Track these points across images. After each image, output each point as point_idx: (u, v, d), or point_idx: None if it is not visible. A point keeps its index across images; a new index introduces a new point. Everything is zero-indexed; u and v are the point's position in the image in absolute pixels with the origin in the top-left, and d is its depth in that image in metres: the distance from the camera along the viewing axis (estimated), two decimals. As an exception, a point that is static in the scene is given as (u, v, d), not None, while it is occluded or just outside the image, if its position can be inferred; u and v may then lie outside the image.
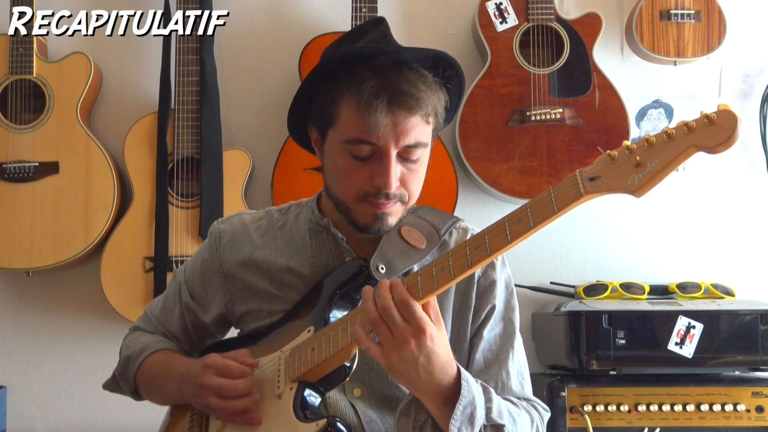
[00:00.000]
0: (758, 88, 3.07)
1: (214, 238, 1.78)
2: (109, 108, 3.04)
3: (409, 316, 1.36)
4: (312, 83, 1.60)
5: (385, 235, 1.61)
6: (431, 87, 1.54)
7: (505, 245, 1.34)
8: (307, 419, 1.49)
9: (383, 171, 1.52)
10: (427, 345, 1.36)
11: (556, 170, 2.83)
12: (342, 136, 1.54)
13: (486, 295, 1.66)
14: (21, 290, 3.00)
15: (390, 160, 1.51)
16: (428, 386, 1.40)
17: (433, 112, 1.55)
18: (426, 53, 1.56)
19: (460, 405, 1.41)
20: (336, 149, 1.56)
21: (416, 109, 1.50)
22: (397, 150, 1.52)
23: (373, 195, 1.54)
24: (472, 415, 1.43)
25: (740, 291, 2.85)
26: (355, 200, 1.56)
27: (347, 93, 1.53)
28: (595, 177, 1.27)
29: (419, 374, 1.38)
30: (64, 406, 2.99)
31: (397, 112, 1.49)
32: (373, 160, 1.53)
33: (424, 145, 1.55)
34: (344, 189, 1.57)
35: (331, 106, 1.55)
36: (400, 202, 1.57)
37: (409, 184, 1.56)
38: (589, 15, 2.93)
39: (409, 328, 1.36)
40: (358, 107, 1.50)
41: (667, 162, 1.19)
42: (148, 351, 1.76)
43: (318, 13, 3.07)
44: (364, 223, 1.57)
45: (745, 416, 2.49)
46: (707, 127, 1.18)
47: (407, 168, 1.55)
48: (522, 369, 1.67)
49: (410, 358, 1.36)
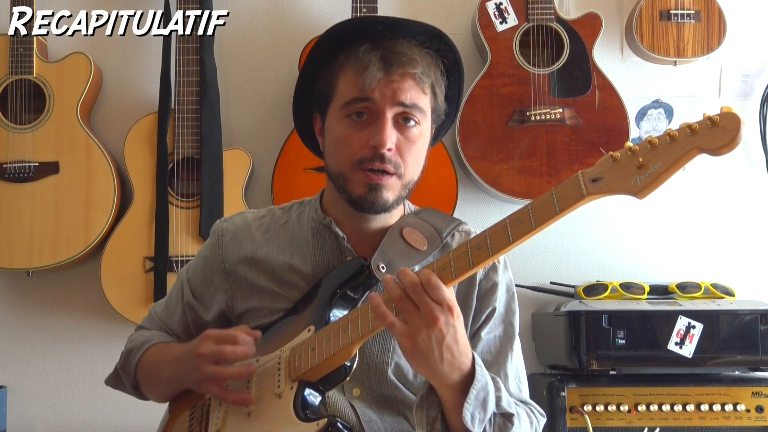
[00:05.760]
0: (758, 88, 3.08)
1: (216, 236, 1.78)
2: (109, 108, 3.04)
3: (437, 294, 1.35)
4: (311, 69, 1.63)
5: (385, 234, 1.62)
6: (425, 57, 1.58)
7: (506, 246, 1.35)
8: (307, 419, 1.49)
9: (378, 130, 1.53)
10: (454, 324, 1.36)
11: (555, 170, 2.83)
12: (340, 102, 1.57)
13: (487, 298, 1.66)
14: (21, 290, 3.00)
15: (386, 118, 1.53)
16: (449, 370, 1.39)
17: (428, 83, 1.57)
18: (423, 27, 1.61)
19: (474, 389, 1.41)
20: (336, 120, 1.59)
21: (410, 67, 1.53)
22: (393, 110, 1.54)
23: (369, 159, 1.54)
24: (485, 401, 1.43)
25: (740, 291, 2.85)
26: (351, 167, 1.56)
27: (345, 61, 1.57)
28: (597, 178, 1.27)
29: (443, 355, 1.36)
30: (64, 406, 2.99)
31: (391, 68, 1.53)
32: (370, 124, 1.55)
33: (421, 110, 1.56)
34: (342, 158, 1.58)
35: (330, 81, 1.60)
36: (396, 175, 1.56)
37: (405, 154, 1.57)
38: (589, 15, 2.93)
39: (437, 306, 1.35)
40: (354, 68, 1.55)
41: (670, 164, 1.19)
42: (149, 344, 1.77)
43: (318, 13, 3.07)
44: (359, 194, 1.57)
45: (745, 416, 2.49)
46: (710, 129, 1.18)
47: (404, 136, 1.56)
48: (520, 372, 1.67)
49: (437, 336, 1.35)
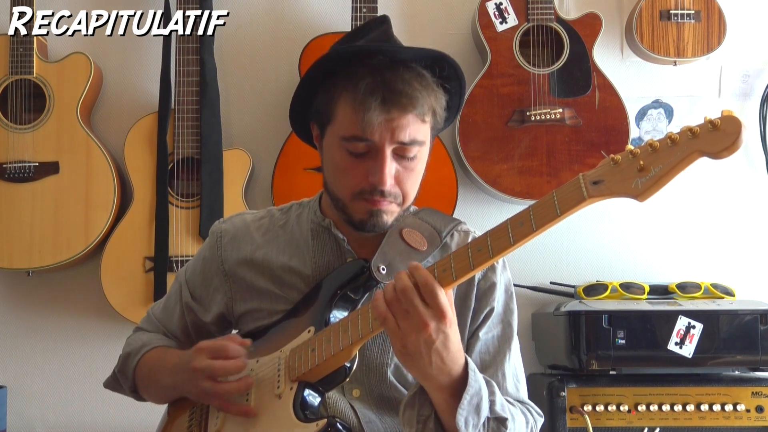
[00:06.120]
0: (758, 88, 3.08)
1: (215, 237, 1.78)
2: (109, 108, 3.04)
3: (431, 299, 1.35)
4: (312, 80, 1.61)
5: (385, 235, 1.61)
6: (428, 86, 1.54)
7: (507, 248, 1.35)
8: (307, 419, 1.49)
9: (378, 168, 1.53)
10: (445, 330, 1.36)
11: (555, 170, 2.83)
12: (339, 133, 1.55)
13: (485, 298, 1.66)
14: (21, 290, 3.00)
15: (384, 156, 1.52)
16: (438, 374, 1.39)
17: (429, 112, 1.55)
18: (424, 53, 1.57)
19: (467, 394, 1.41)
20: (333, 146, 1.57)
21: (410, 108, 1.51)
22: (392, 147, 1.53)
23: (369, 192, 1.54)
24: (478, 406, 1.43)
25: (740, 291, 2.86)
26: (350, 197, 1.57)
27: (344, 91, 1.54)
28: (598, 181, 1.27)
29: (432, 360, 1.37)
30: (64, 406, 2.99)
31: (391, 110, 1.50)
32: (369, 157, 1.54)
33: (420, 143, 1.55)
34: (340, 186, 1.58)
35: (329, 104, 1.57)
36: (395, 203, 1.57)
37: (405, 183, 1.57)
38: (589, 15, 2.93)
39: (429, 311, 1.35)
40: (354, 105, 1.51)
41: (671, 167, 1.19)
42: (146, 348, 1.76)
43: (318, 13, 3.07)
44: (360, 219, 1.58)
45: (745, 416, 2.49)
46: (711, 132, 1.18)
47: (403, 166, 1.56)
48: (518, 372, 1.67)
49: (427, 341, 1.35)
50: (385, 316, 1.38)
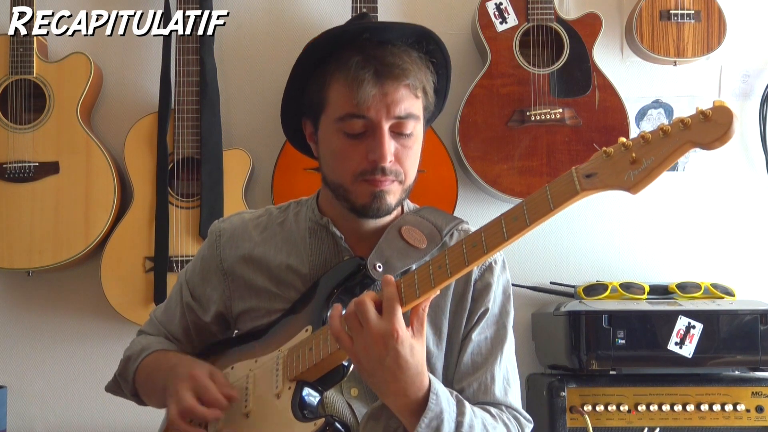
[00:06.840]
0: (758, 88, 3.07)
1: (214, 236, 1.78)
2: (109, 108, 3.04)
3: (387, 314, 1.36)
4: (300, 75, 1.62)
5: (384, 232, 1.61)
6: (416, 61, 1.56)
7: (501, 243, 1.35)
8: (305, 418, 1.49)
9: (377, 145, 1.53)
10: (395, 347, 1.35)
11: (555, 170, 2.83)
12: (334, 116, 1.56)
13: (481, 298, 1.65)
14: (21, 290, 3.00)
15: (383, 132, 1.53)
16: (394, 393, 1.40)
17: (420, 87, 1.56)
18: (410, 28, 1.59)
19: (426, 418, 1.41)
20: (330, 132, 1.58)
21: (403, 78, 1.52)
22: (389, 123, 1.53)
23: (370, 172, 1.54)
24: (438, 429, 1.42)
25: (740, 291, 2.85)
26: (352, 180, 1.56)
27: (335, 72, 1.55)
28: (591, 174, 1.27)
29: (384, 376, 1.37)
30: (64, 406, 2.99)
31: (384, 83, 1.51)
32: (367, 137, 1.54)
33: (416, 117, 1.56)
34: (341, 171, 1.58)
35: (321, 91, 1.58)
36: (396, 181, 1.57)
37: (404, 161, 1.57)
38: (589, 15, 2.93)
39: (382, 325, 1.36)
40: (347, 82, 1.52)
41: (663, 158, 1.19)
42: (147, 351, 1.76)
43: (318, 13, 3.08)
44: (363, 203, 1.57)
45: (745, 416, 2.49)
46: (703, 123, 1.18)
47: (401, 144, 1.56)
48: (509, 375, 1.65)
49: (376, 356, 1.36)
50: (339, 332, 1.39)
